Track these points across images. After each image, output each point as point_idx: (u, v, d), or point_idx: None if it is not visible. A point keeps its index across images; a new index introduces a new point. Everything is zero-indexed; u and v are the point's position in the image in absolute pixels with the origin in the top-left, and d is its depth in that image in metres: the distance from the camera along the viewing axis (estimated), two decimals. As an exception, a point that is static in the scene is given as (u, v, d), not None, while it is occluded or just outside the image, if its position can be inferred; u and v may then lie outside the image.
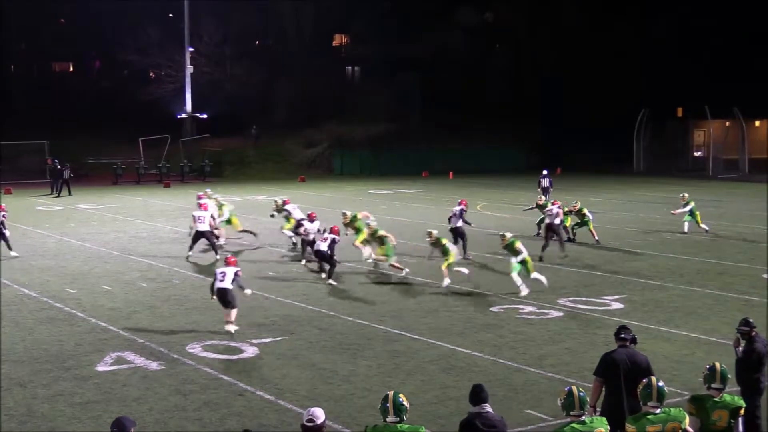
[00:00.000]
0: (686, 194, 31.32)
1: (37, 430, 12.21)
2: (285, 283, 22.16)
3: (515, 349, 15.98)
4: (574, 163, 59.54)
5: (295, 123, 66.16)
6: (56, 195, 45.82)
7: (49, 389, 13.87)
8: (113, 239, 29.94)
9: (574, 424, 8.30)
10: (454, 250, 22.02)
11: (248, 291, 17.74)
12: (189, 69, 62.98)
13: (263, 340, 16.55)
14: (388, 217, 35.39)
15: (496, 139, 64.05)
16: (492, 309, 19.25)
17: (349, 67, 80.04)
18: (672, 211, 31.80)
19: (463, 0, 73.90)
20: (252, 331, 17.15)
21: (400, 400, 8.27)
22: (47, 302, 19.71)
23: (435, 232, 22.33)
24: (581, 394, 8.42)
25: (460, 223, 26.00)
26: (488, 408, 8.78)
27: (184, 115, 64.76)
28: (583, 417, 8.36)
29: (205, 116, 64.43)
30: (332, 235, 22.50)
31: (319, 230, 24.35)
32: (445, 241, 22.11)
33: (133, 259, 25.89)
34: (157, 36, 68.00)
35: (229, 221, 28.93)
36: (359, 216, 25.34)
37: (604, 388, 10.62)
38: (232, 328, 16.97)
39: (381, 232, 23.55)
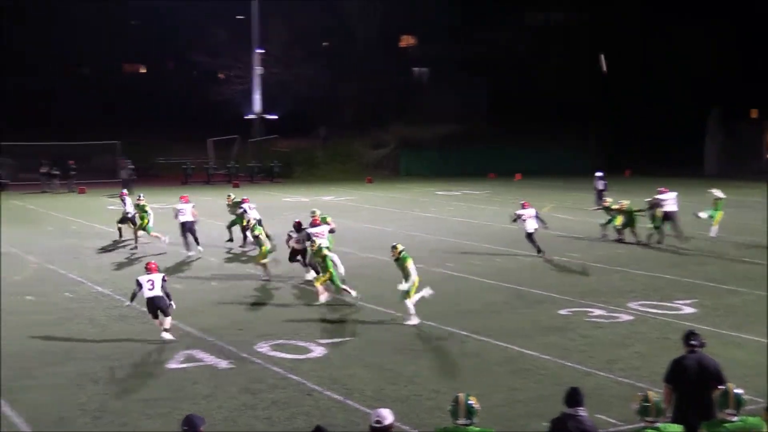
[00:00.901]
0: (717, 193, 30.20)
1: (109, 425, 12.41)
2: (359, 284, 22.19)
3: (584, 353, 15.82)
4: (643, 165, 58.75)
5: (362, 124, 66.37)
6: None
7: (120, 386, 14.11)
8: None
9: (648, 430, 8.20)
10: (413, 275, 18.05)
11: (173, 303, 16.85)
12: (257, 70, 63.53)
13: (331, 340, 16.62)
14: (454, 219, 35.38)
15: (563, 141, 63.51)
16: (560, 312, 19.08)
17: (416, 68, 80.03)
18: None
19: (530, 0, 73.52)
20: (320, 331, 17.22)
21: (471, 402, 8.24)
22: (120, 300, 20.00)
23: (400, 246, 18.50)
24: (657, 399, 8.31)
25: (536, 226, 25.82)
26: (582, 411, 8.70)
27: (252, 116, 65.33)
28: (657, 423, 8.25)
29: (275, 117, 64.99)
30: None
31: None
32: (409, 262, 18.11)
33: (205, 258, 26.16)
34: (226, 37, 68.73)
35: (143, 227, 28.22)
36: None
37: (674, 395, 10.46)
38: (168, 336, 16.47)
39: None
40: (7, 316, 18.64)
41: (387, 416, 8.06)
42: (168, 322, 16.57)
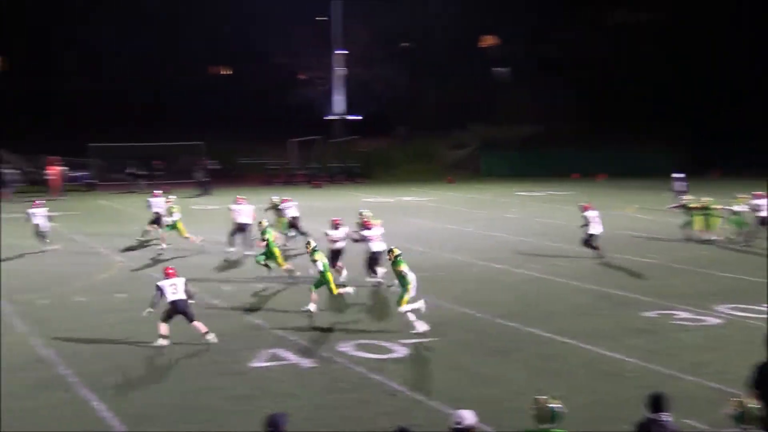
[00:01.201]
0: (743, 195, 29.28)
1: (194, 421, 12.60)
2: (439, 284, 22.18)
3: (670, 356, 15.56)
4: (735, 166, 57.30)
5: (442, 124, 66.29)
6: (201, 194, 47.53)
7: (205, 382, 14.30)
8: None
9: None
10: (410, 281, 17.43)
11: (193, 303, 16.90)
12: (338, 71, 63.90)
13: (413, 341, 16.61)
14: (536, 219, 35.12)
15: (648, 140, 62.51)
16: (644, 314, 18.81)
17: (497, 68, 79.66)
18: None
19: (614, 0, 72.63)
20: (403, 332, 17.22)
21: (556, 405, 8.17)
22: (202, 297, 20.26)
23: (397, 250, 18.10)
24: (752, 406, 8.13)
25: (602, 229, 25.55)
26: (666, 416, 8.58)
27: (332, 117, 65.73)
28: (751, 429, 8.09)
29: (358, 118, 65.31)
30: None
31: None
32: (403, 266, 17.55)
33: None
34: (307, 39, 69.26)
35: (174, 226, 28.22)
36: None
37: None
38: (212, 337, 16.45)
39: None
40: (103, 314, 19.05)
41: (468, 417, 8.04)
42: (201, 325, 16.49)
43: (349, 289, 19.73)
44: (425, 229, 33.07)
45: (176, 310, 16.31)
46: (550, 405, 8.16)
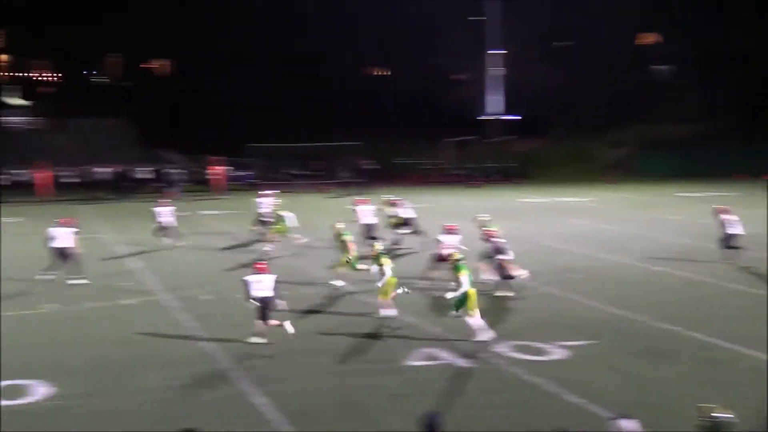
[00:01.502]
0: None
1: (353, 418, 12.77)
2: (594, 285, 21.84)
3: (843, 365, 14.85)
4: None
5: (599, 123, 65.20)
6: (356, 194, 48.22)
7: (363, 380, 14.47)
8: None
9: None
10: (464, 287, 16.85)
11: (283, 303, 16.95)
12: (494, 71, 63.67)
13: (573, 343, 16.39)
14: (696, 221, 34.03)
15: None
16: (816, 320, 18.00)
17: (656, 66, 77.78)
18: None
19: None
20: (561, 334, 17.03)
21: (726, 416, 7.90)
22: (357, 297, 20.52)
23: (457, 255, 18.01)
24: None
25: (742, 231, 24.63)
26: None
27: (486, 117, 65.54)
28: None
29: (516, 118, 64.98)
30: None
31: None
32: (463, 273, 17.02)
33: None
34: (461, 39, 69.28)
35: (278, 226, 28.24)
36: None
37: None
38: (289, 327, 16.53)
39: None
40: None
41: (630, 426, 7.85)
42: (274, 321, 16.55)
43: (402, 290, 18.97)
44: (582, 230, 32.60)
45: (264, 304, 16.44)
46: (718, 414, 7.89)
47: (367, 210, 27.93)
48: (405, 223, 28.40)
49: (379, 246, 19.68)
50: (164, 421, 12.54)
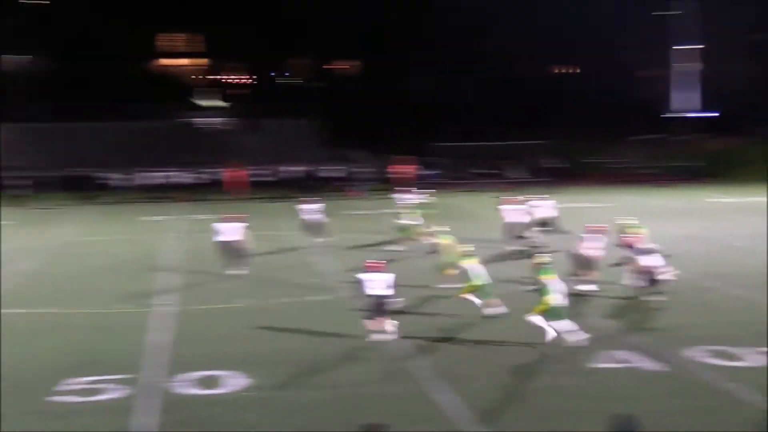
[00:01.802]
0: None
1: (540, 419, 12.74)
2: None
3: None
4: None
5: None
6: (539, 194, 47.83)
7: (550, 381, 14.39)
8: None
9: None
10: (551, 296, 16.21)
11: (401, 299, 16.77)
12: (682, 67, 61.81)
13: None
14: None
15: None
16: None
17: None
18: None
19: None
20: (757, 339, 16.41)
21: None
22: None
23: (542, 258, 17.61)
24: None
25: None
26: None
27: (673, 114, 63.71)
28: None
29: (714, 114, 62.89)
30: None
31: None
32: (545, 277, 16.52)
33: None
34: (648, 35, 67.65)
35: (405, 230, 27.85)
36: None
37: None
38: (391, 327, 16.64)
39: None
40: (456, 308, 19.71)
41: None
42: (377, 323, 16.60)
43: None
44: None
45: (377, 303, 16.49)
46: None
47: (514, 210, 27.71)
48: (542, 223, 28.25)
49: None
50: (354, 415, 12.66)
